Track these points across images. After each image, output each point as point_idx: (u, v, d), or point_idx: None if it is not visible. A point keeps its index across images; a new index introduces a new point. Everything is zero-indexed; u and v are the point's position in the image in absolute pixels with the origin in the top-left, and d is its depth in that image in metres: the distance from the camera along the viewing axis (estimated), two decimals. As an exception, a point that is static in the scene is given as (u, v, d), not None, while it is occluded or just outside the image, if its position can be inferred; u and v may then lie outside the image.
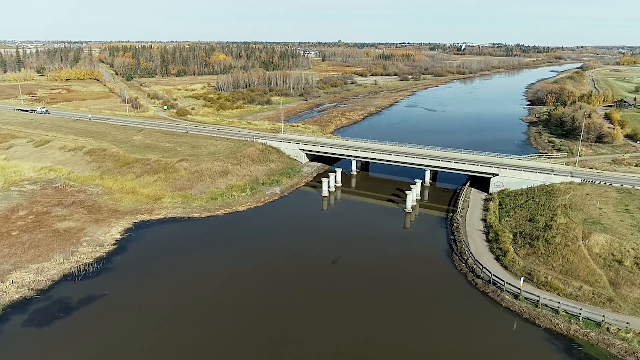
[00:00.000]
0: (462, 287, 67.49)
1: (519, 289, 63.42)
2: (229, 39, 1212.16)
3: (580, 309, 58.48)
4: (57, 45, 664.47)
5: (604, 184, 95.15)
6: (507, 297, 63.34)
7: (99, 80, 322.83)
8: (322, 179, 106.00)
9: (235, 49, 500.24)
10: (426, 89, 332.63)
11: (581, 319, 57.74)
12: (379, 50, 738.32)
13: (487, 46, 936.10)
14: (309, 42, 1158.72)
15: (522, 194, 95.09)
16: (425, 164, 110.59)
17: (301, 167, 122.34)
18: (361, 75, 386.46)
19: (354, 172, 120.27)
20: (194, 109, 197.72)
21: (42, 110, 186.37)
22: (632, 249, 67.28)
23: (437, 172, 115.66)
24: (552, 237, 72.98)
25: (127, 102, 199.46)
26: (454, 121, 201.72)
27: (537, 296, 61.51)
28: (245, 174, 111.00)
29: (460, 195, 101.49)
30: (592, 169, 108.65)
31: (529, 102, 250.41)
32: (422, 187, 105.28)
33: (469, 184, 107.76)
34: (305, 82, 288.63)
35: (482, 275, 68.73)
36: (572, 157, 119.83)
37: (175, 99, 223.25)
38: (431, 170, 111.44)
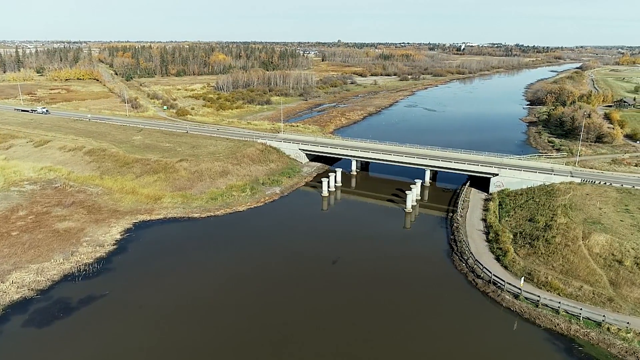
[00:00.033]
0: (463, 287, 67.52)
1: (520, 289, 63.45)
2: (229, 39, 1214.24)
3: (580, 309, 58.51)
4: (57, 45, 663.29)
5: (604, 183, 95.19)
6: (508, 297, 63.37)
7: (98, 80, 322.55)
8: (322, 179, 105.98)
9: (235, 49, 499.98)
10: (426, 89, 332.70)
11: (581, 319, 57.77)
12: (378, 50, 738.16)
13: (486, 46, 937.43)
14: (308, 42, 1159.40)
15: (522, 194, 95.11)
16: (425, 164, 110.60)
17: (301, 167, 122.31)
18: (361, 75, 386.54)
19: (353, 172, 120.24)
20: (193, 109, 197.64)
21: (43, 110, 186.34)
22: (633, 249, 67.32)
23: (437, 172, 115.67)
24: (552, 237, 73.01)
25: (126, 102, 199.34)
26: (453, 121, 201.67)
27: (538, 296, 61.54)
28: (245, 174, 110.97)
29: (460, 195, 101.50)
30: (592, 168, 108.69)
31: (529, 102, 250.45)
32: (422, 187, 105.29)
33: (469, 184, 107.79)
34: (304, 82, 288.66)
35: (483, 275, 68.77)
36: (572, 157, 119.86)
37: (174, 99, 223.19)
38: (431, 170, 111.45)
